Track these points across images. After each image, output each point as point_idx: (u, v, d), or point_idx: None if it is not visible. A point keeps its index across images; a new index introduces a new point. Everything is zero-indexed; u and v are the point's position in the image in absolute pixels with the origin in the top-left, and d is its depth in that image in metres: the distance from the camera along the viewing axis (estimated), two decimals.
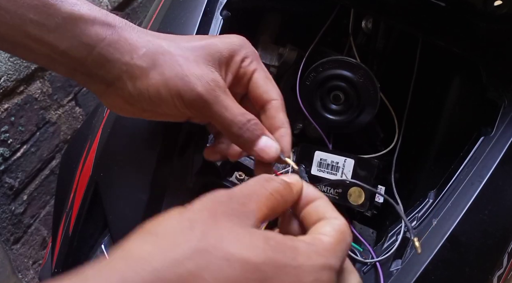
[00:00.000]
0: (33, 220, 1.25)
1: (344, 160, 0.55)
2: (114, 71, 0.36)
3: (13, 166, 1.14)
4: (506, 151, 0.47)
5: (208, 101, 0.36)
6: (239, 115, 0.37)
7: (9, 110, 1.10)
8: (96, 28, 0.35)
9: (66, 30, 0.34)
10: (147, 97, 0.36)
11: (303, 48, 0.63)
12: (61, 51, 0.35)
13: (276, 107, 0.39)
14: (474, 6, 0.45)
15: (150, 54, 0.36)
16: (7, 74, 1.08)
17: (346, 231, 0.30)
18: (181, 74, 0.36)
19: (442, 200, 0.49)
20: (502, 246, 0.46)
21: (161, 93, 0.36)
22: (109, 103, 0.39)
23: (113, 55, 0.36)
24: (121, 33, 0.36)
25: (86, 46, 0.35)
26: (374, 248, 0.53)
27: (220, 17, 0.54)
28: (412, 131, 0.62)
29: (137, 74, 0.36)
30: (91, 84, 0.38)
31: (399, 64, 0.63)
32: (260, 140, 0.37)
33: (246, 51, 0.39)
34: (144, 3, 1.72)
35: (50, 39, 0.34)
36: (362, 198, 0.54)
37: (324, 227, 0.29)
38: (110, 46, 0.35)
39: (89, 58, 0.35)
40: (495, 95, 0.50)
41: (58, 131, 1.31)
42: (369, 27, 0.60)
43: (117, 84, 0.37)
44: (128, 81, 0.36)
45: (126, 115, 0.40)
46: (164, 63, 0.36)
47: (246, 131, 0.36)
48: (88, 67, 0.36)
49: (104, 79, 0.37)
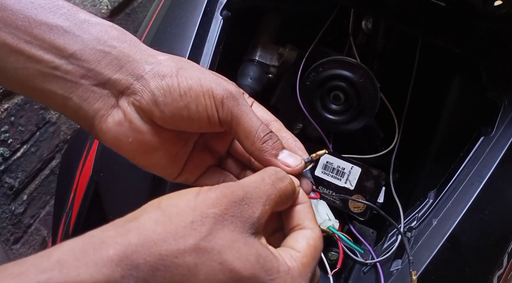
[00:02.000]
0: (33, 220, 1.25)
1: (351, 167, 0.55)
2: (136, 71, 0.34)
3: (13, 166, 1.14)
4: (506, 151, 0.47)
5: (239, 100, 0.36)
6: (263, 123, 0.37)
7: (9, 110, 1.10)
8: (115, 31, 0.35)
9: (82, 31, 0.33)
10: (176, 95, 0.34)
11: (303, 48, 0.63)
12: (69, 54, 0.33)
13: (278, 126, 0.40)
14: (474, 6, 0.45)
15: (175, 59, 0.36)
16: None
17: (319, 246, 0.32)
18: (211, 76, 0.36)
19: (442, 200, 0.49)
20: (502, 246, 0.46)
21: (193, 89, 0.35)
22: (115, 122, 0.35)
23: (136, 54, 0.35)
24: (140, 42, 0.36)
25: (105, 46, 0.34)
26: (374, 248, 0.53)
27: (220, 17, 0.54)
28: (412, 131, 0.62)
29: (165, 72, 0.35)
30: (94, 101, 0.34)
31: (399, 64, 0.63)
32: (283, 151, 0.37)
33: (244, 92, 0.41)
34: (144, 3, 1.72)
35: (60, 41, 0.33)
36: (363, 207, 0.54)
37: (300, 241, 0.32)
38: (132, 48, 0.35)
39: (106, 59, 0.34)
40: (495, 95, 0.50)
41: (58, 131, 1.31)
42: (369, 27, 0.60)
43: (135, 87, 0.34)
44: (152, 80, 0.34)
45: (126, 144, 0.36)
46: (192, 67, 0.36)
47: (271, 138, 0.37)
48: (100, 71, 0.34)
49: (118, 84, 0.34)
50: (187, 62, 0.37)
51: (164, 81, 0.34)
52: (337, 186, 0.54)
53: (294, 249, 0.31)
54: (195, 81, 0.35)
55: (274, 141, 0.37)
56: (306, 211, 0.34)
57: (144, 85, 0.34)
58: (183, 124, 0.36)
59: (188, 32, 0.52)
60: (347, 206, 0.55)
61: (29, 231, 1.24)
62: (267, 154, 0.36)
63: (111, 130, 0.35)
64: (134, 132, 0.35)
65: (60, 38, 0.33)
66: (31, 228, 1.24)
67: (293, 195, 0.33)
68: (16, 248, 1.20)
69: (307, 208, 0.34)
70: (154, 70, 0.35)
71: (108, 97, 0.34)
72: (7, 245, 1.16)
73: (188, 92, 0.34)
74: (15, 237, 1.18)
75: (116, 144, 0.36)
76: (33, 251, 1.26)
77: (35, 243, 1.26)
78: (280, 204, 0.32)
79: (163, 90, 0.34)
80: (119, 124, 0.35)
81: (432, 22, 0.50)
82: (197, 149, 0.40)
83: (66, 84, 0.33)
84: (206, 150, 0.41)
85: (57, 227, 0.63)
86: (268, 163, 0.36)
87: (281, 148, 0.37)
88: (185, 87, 0.34)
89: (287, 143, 0.39)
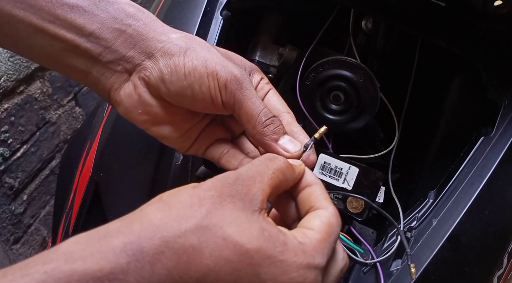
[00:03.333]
0: (33, 220, 1.25)
1: (349, 167, 0.54)
2: (147, 49, 0.36)
3: (13, 166, 1.14)
4: (506, 151, 0.47)
5: (243, 84, 0.37)
6: (266, 107, 0.37)
7: (9, 110, 1.10)
8: (132, 9, 0.37)
9: (101, 11, 0.35)
10: (181, 74, 0.36)
11: (303, 48, 0.63)
12: (89, 33, 0.35)
13: (290, 118, 0.40)
14: (474, 6, 0.45)
15: (186, 38, 0.37)
16: (7, 74, 1.08)
17: (334, 222, 0.32)
18: (218, 58, 0.37)
19: (442, 200, 0.49)
20: (502, 246, 0.46)
21: (197, 70, 0.36)
22: (126, 94, 0.38)
23: (149, 33, 0.36)
24: (156, 19, 0.38)
25: (121, 25, 0.36)
26: (374, 248, 0.53)
27: (220, 17, 0.54)
28: (412, 131, 0.62)
29: (174, 51, 0.36)
30: (109, 76, 0.37)
31: (399, 64, 0.63)
32: (284, 136, 0.38)
33: (263, 75, 0.42)
34: (144, 3, 1.72)
35: (81, 21, 0.35)
36: (361, 207, 0.54)
37: (313, 220, 0.31)
38: (146, 26, 0.37)
39: (121, 37, 0.36)
40: (495, 95, 0.50)
41: (58, 131, 1.31)
42: (369, 27, 0.60)
43: (146, 64, 0.37)
44: (161, 58, 0.36)
45: (136, 115, 0.39)
46: (202, 48, 0.37)
47: (273, 123, 0.37)
48: (115, 49, 0.36)
49: (130, 61, 0.37)
50: (199, 42, 0.38)
51: (172, 60, 0.36)
52: (335, 186, 0.54)
53: (307, 227, 0.31)
54: (200, 62, 0.36)
55: (276, 125, 0.37)
56: (317, 192, 0.34)
57: (154, 63, 0.36)
58: (188, 102, 0.37)
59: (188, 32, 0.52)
60: (345, 207, 0.55)
61: (29, 231, 1.24)
62: (268, 138, 0.37)
63: (123, 101, 0.38)
64: (143, 105, 0.38)
65: (80, 17, 0.35)
66: (31, 228, 1.24)
67: (292, 173, 0.33)
68: (16, 248, 1.20)
69: (318, 189, 0.34)
70: (164, 48, 0.36)
71: (122, 72, 0.37)
72: (7, 245, 1.16)
73: (193, 72, 0.36)
74: (15, 237, 1.18)
75: (128, 115, 0.39)
76: (33, 251, 1.26)
77: (35, 243, 1.26)
78: (280, 182, 0.32)
79: (170, 68, 0.36)
80: (129, 96, 0.38)
81: (432, 22, 0.50)
82: (212, 125, 0.41)
83: (86, 60, 0.36)
84: (221, 126, 0.42)
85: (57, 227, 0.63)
86: (268, 147, 0.37)
87: (282, 133, 0.37)
88: (190, 67, 0.36)
89: (293, 134, 0.39)
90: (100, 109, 0.64)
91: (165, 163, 0.48)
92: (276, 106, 0.40)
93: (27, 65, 1.14)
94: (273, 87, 0.42)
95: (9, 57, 1.07)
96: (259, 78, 0.41)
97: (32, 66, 1.16)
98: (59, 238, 0.60)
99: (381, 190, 0.56)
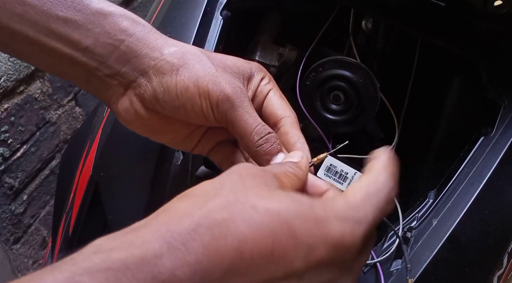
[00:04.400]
0: (33, 220, 1.25)
1: (354, 173, 0.54)
2: (141, 66, 0.36)
3: (13, 166, 1.14)
4: (506, 151, 0.47)
5: (235, 103, 0.36)
6: (261, 124, 0.37)
7: (9, 110, 1.10)
8: (126, 23, 0.36)
9: (94, 25, 0.35)
10: (173, 94, 0.36)
11: (303, 48, 0.63)
12: (84, 48, 0.35)
13: (289, 123, 0.39)
14: (474, 6, 0.45)
15: (180, 53, 0.37)
16: (7, 74, 1.08)
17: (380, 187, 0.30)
18: (211, 74, 0.36)
19: (442, 200, 0.49)
20: (502, 246, 0.46)
21: (189, 91, 0.36)
22: (124, 108, 0.38)
23: (141, 50, 0.36)
24: (151, 32, 0.37)
25: (114, 40, 0.35)
26: (374, 248, 0.53)
27: (220, 17, 0.54)
28: (412, 131, 0.62)
29: (166, 69, 0.36)
30: (106, 88, 0.37)
31: (399, 64, 0.63)
32: (278, 155, 0.37)
33: (264, 73, 0.41)
34: (144, 3, 1.72)
35: (75, 36, 0.35)
36: None
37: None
38: (139, 41, 0.36)
39: (115, 53, 0.36)
40: (495, 95, 0.50)
41: (58, 131, 1.31)
42: (369, 27, 0.60)
43: (140, 82, 0.36)
44: (154, 77, 0.36)
45: (137, 127, 0.39)
46: (194, 63, 0.36)
47: (267, 142, 0.36)
48: (109, 65, 0.36)
49: (125, 78, 0.37)
50: (193, 54, 0.37)
51: (164, 79, 0.36)
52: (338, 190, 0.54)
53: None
54: (192, 81, 0.36)
55: (270, 145, 0.36)
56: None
57: (147, 80, 0.36)
58: (184, 118, 0.37)
59: (188, 32, 0.52)
60: None
61: (29, 231, 1.24)
62: (260, 159, 0.37)
63: (121, 114, 0.38)
64: (140, 119, 0.38)
65: (75, 32, 0.35)
66: (31, 228, 1.24)
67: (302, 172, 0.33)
68: (16, 248, 1.20)
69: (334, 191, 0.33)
70: (157, 66, 0.36)
71: (118, 86, 0.37)
72: (7, 245, 1.16)
73: (185, 93, 0.36)
74: (15, 237, 1.18)
75: (128, 125, 0.39)
76: (33, 251, 1.26)
77: (35, 243, 1.26)
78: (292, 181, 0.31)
79: (163, 87, 0.36)
80: (126, 110, 0.38)
81: (432, 22, 0.50)
82: (214, 128, 0.41)
83: (83, 73, 0.37)
84: (223, 129, 0.41)
85: (57, 227, 0.63)
86: (261, 164, 0.37)
87: (275, 153, 0.37)
88: (181, 88, 0.36)
89: (289, 145, 0.39)
90: (100, 109, 0.64)
91: (165, 163, 0.48)
92: (275, 111, 0.40)
93: (27, 65, 1.14)
94: (275, 84, 0.41)
95: (9, 57, 1.07)
96: (259, 79, 0.40)
97: (32, 66, 1.16)
98: (59, 238, 0.60)
99: None
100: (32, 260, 1.26)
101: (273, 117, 0.40)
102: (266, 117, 0.40)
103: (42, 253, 1.29)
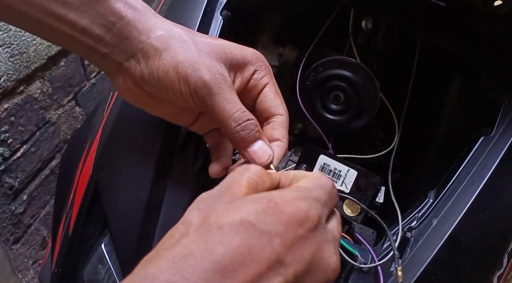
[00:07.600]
0: (33, 220, 1.25)
1: (347, 170, 0.54)
2: (130, 49, 0.38)
3: (13, 166, 1.14)
4: (506, 151, 0.47)
5: (212, 90, 0.36)
6: (240, 111, 0.37)
7: (9, 110, 1.10)
8: (118, 5, 0.37)
9: (89, 7, 0.36)
10: (156, 78, 0.37)
11: (303, 48, 0.63)
12: (80, 28, 0.36)
13: (279, 122, 0.40)
14: (474, 6, 0.45)
15: (165, 36, 0.38)
16: (7, 74, 1.08)
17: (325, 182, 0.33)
18: (191, 60, 0.37)
19: (442, 200, 0.49)
20: (502, 246, 0.46)
21: (169, 75, 0.37)
22: (119, 83, 0.40)
23: (131, 33, 0.37)
24: (142, 14, 0.38)
25: (107, 22, 0.37)
26: (374, 248, 0.53)
27: (220, 17, 0.54)
28: (412, 131, 0.62)
29: (151, 53, 0.37)
30: (104, 64, 0.39)
31: (399, 64, 0.63)
32: (256, 143, 0.37)
33: (260, 64, 0.41)
34: None
35: (72, 16, 0.36)
36: (357, 210, 0.54)
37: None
38: (129, 24, 0.37)
39: (108, 35, 0.37)
40: (495, 95, 0.50)
41: (58, 131, 1.31)
42: (369, 27, 0.60)
43: (130, 63, 0.38)
44: (142, 60, 0.38)
45: (132, 100, 0.42)
46: (177, 47, 0.37)
47: (244, 129, 0.37)
48: (105, 45, 0.38)
49: (119, 57, 0.38)
50: (177, 40, 0.38)
51: (149, 63, 0.37)
52: None
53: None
54: (173, 66, 0.37)
55: (248, 132, 0.37)
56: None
57: (136, 62, 0.38)
58: (169, 100, 0.39)
59: None
60: (342, 210, 0.54)
61: (29, 231, 1.24)
62: (238, 146, 0.37)
63: (117, 88, 0.41)
64: (133, 94, 0.41)
65: (72, 13, 0.36)
66: (31, 228, 1.24)
67: (269, 176, 0.33)
68: (16, 248, 1.20)
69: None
70: (143, 49, 0.37)
71: (113, 64, 0.39)
72: (7, 245, 1.16)
73: (165, 77, 0.37)
74: (15, 237, 1.18)
75: (124, 98, 0.42)
76: (33, 251, 1.26)
77: (35, 243, 1.26)
78: (255, 184, 0.32)
79: (148, 70, 0.38)
80: (122, 85, 0.40)
81: (432, 22, 0.50)
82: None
83: (84, 49, 0.38)
84: None
85: (57, 227, 0.63)
86: (239, 151, 0.38)
87: (253, 140, 0.37)
88: (162, 72, 0.37)
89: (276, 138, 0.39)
90: (100, 109, 0.64)
91: (165, 163, 0.48)
92: (268, 107, 0.40)
93: (27, 65, 1.14)
94: (273, 79, 0.41)
95: (9, 57, 1.07)
96: (253, 70, 0.40)
97: (32, 66, 1.16)
98: (59, 238, 0.60)
99: (381, 190, 0.56)
100: (32, 260, 1.26)
101: (266, 113, 0.40)
102: (259, 111, 0.41)
103: (42, 253, 1.29)
